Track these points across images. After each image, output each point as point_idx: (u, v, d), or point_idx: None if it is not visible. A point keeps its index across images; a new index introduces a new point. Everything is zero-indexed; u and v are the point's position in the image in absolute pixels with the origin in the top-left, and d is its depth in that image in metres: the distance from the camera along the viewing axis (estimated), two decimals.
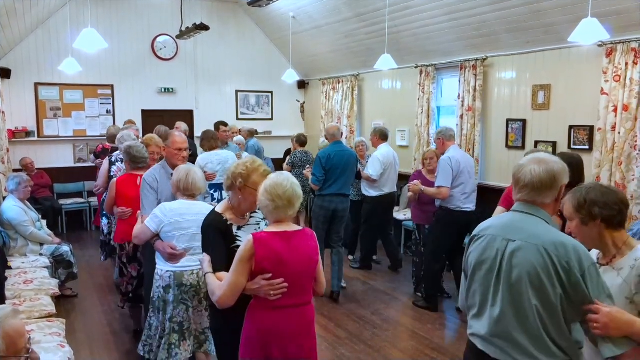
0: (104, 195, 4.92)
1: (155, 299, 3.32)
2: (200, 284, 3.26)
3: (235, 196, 2.60)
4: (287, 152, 9.39)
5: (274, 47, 10.30)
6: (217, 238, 2.57)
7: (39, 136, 8.52)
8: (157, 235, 3.24)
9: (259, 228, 2.67)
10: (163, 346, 3.25)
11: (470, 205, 5.18)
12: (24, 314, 3.71)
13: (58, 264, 5.33)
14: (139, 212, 3.67)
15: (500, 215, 2.18)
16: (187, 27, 8.14)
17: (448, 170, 5.04)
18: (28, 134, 8.40)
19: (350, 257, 6.96)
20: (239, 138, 7.72)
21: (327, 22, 8.17)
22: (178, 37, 8.67)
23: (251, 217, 2.71)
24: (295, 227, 2.40)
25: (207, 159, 5.91)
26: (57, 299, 4.55)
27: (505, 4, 5.51)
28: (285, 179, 2.35)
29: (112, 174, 5.06)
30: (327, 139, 5.82)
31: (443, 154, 5.24)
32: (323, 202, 5.48)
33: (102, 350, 4.32)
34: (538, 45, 5.80)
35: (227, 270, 2.38)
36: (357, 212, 6.61)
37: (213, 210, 2.72)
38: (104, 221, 5.42)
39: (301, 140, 8.34)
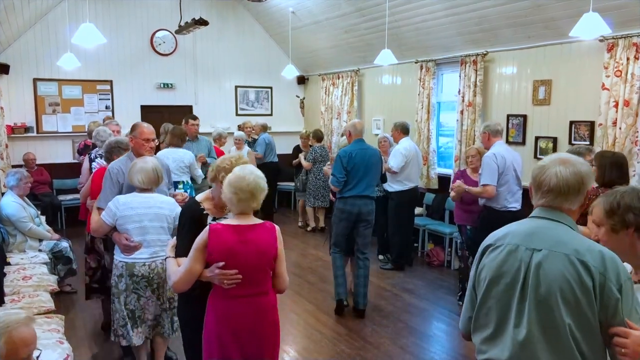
0: None
1: (112, 285, 3.50)
2: (152, 275, 3.39)
3: (217, 189, 2.67)
4: (296, 149, 9.25)
5: (274, 43, 10.26)
6: (187, 225, 2.67)
7: (37, 132, 8.49)
8: (115, 228, 3.38)
9: None
10: (130, 330, 3.41)
11: (516, 205, 4.87)
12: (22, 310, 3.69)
13: (57, 260, 5.34)
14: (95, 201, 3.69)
15: (518, 222, 1.89)
16: (186, 22, 8.10)
17: (493, 167, 4.74)
18: (27, 129, 8.38)
19: (380, 257, 6.74)
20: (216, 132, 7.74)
21: (327, 17, 8.13)
22: (177, 32, 8.64)
23: (230, 211, 2.73)
24: (256, 221, 2.47)
25: (165, 156, 5.86)
26: (56, 295, 4.54)
27: None
28: (250, 172, 2.39)
29: (93, 170, 5.03)
30: (350, 134, 5.07)
31: (488, 149, 4.96)
32: (345, 205, 4.94)
33: (101, 346, 4.31)
34: (539, 40, 5.77)
35: None
36: (382, 209, 6.18)
37: (192, 198, 2.86)
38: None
39: (318, 136, 8.33)
